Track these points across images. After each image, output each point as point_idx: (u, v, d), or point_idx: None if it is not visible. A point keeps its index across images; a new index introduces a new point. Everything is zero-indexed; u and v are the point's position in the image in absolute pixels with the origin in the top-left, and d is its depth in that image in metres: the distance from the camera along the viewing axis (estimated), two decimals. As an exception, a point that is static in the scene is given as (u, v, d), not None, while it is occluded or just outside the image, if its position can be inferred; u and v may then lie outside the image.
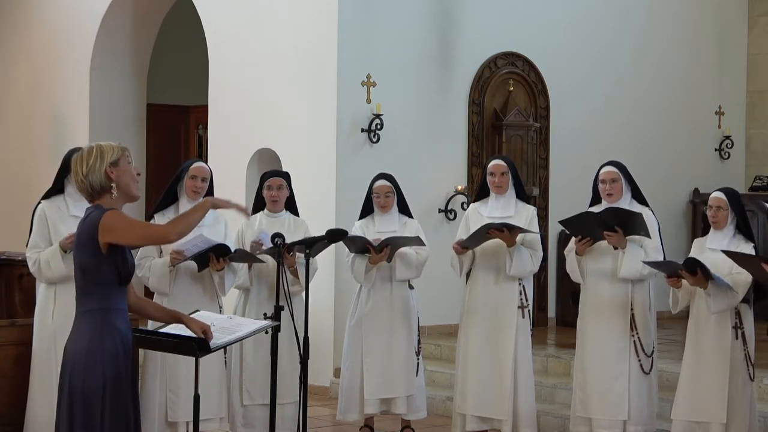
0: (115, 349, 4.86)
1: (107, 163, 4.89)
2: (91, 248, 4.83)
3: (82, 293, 4.90)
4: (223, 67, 11.40)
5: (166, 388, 7.44)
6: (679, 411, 7.13)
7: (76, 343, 4.85)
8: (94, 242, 4.82)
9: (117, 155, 4.92)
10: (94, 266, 4.84)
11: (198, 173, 7.56)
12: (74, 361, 4.83)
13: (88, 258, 4.84)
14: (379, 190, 8.30)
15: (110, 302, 4.89)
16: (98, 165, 4.88)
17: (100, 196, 4.92)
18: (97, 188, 4.90)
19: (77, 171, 4.92)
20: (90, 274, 4.86)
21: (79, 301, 4.93)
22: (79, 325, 4.89)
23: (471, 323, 8.03)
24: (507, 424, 7.87)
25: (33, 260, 7.13)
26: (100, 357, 4.81)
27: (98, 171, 4.88)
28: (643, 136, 12.43)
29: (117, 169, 4.91)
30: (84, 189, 4.94)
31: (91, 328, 4.84)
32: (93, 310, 4.86)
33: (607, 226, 7.37)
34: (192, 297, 7.43)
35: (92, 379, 4.80)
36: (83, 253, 4.86)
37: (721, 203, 7.09)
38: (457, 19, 11.12)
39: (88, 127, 12.54)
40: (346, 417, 8.37)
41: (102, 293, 4.87)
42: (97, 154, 4.90)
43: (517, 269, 7.86)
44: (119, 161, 4.91)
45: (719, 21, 13.26)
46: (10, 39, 13.66)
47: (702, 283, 6.91)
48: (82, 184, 4.92)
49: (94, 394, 4.81)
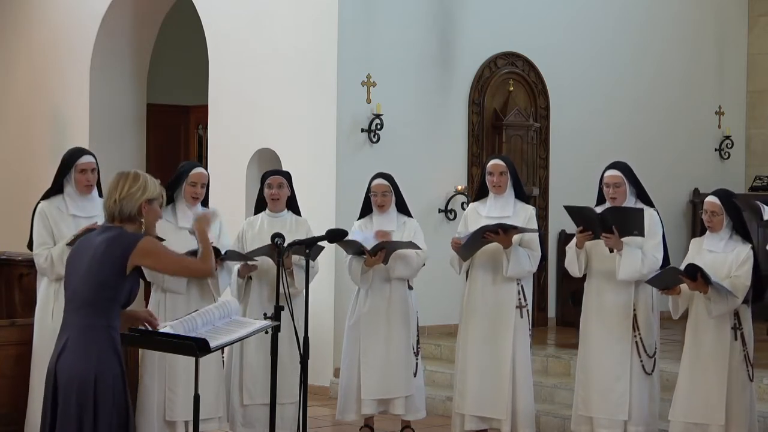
0: (121, 371, 4.92)
1: (146, 198, 4.99)
2: (118, 265, 4.89)
3: (88, 304, 4.89)
4: (223, 67, 11.40)
5: (164, 388, 7.45)
6: (677, 412, 7.13)
7: (85, 363, 4.83)
8: (122, 260, 4.88)
9: (156, 195, 5.04)
10: (114, 283, 4.90)
11: (198, 180, 7.60)
12: (84, 381, 4.81)
13: (110, 274, 4.89)
14: (376, 189, 8.29)
15: (115, 320, 4.95)
16: (138, 196, 4.98)
17: (122, 222, 5.00)
18: (125, 215, 4.99)
19: (115, 190, 5.00)
20: (108, 290, 4.89)
21: (82, 312, 4.90)
22: (84, 341, 4.86)
23: (470, 323, 8.04)
24: (505, 424, 7.87)
25: (44, 256, 7.12)
26: (111, 380, 4.86)
27: (135, 202, 4.98)
28: (643, 136, 12.43)
29: (150, 208, 5.02)
30: (111, 210, 5.00)
31: (99, 349, 4.86)
32: (99, 327, 4.88)
33: (605, 226, 7.38)
34: (188, 298, 7.44)
35: (104, 402, 4.83)
36: (107, 268, 4.90)
37: (715, 208, 7.07)
38: (457, 19, 11.12)
39: (88, 127, 12.54)
40: (345, 417, 8.37)
41: (110, 310, 4.92)
42: (142, 185, 5.00)
43: (514, 270, 7.86)
44: (154, 201, 5.04)
45: (719, 21, 13.25)
46: (10, 39, 13.66)
47: (702, 288, 6.91)
48: (114, 205, 4.99)
49: (106, 416, 4.83)
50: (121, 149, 12.56)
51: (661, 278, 7.16)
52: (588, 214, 7.53)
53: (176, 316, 6.54)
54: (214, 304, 5.72)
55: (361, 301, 8.29)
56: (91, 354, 4.83)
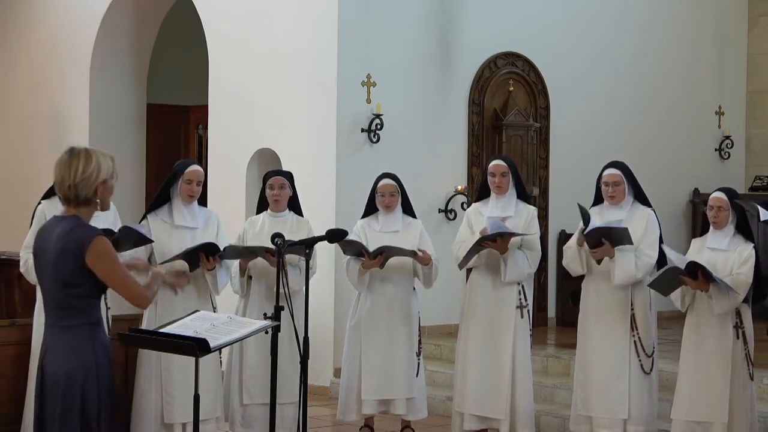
0: (107, 365, 4.82)
1: (101, 180, 4.79)
2: (76, 264, 4.72)
3: (62, 307, 4.77)
4: (223, 67, 11.39)
5: (161, 390, 7.43)
6: (679, 411, 7.13)
7: (67, 361, 4.74)
8: (79, 258, 4.71)
9: (110, 174, 4.82)
10: (78, 281, 4.74)
11: (194, 177, 7.55)
12: (69, 378, 4.73)
13: (70, 273, 4.73)
14: (383, 189, 8.28)
15: (93, 315, 4.82)
16: (93, 179, 4.78)
17: (79, 206, 4.81)
18: (81, 199, 4.79)
19: (67, 176, 4.79)
20: (76, 289, 4.75)
21: (57, 314, 4.79)
22: (64, 340, 4.77)
23: (470, 323, 8.04)
24: (504, 424, 7.87)
25: (24, 260, 7.13)
26: (95, 374, 4.76)
27: (91, 185, 4.78)
28: (643, 136, 12.43)
29: (105, 187, 4.82)
30: (66, 194, 4.80)
31: (81, 345, 4.76)
32: (78, 325, 4.76)
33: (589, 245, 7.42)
34: (186, 298, 7.43)
35: (90, 397, 4.76)
36: (65, 268, 4.74)
37: (722, 203, 7.08)
38: (457, 19, 11.12)
39: (88, 127, 12.54)
40: (346, 417, 8.37)
41: (85, 307, 4.78)
42: (96, 167, 4.78)
43: (512, 275, 7.86)
44: (109, 180, 4.83)
45: (719, 21, 13.25)
46: (10, 39, 13.66)
47: (703, 286, 6.91)
48: (68, 191, 4.79)
49: (92, 411, 4.76)
50: (121, 149, 12.55)
51: (663, 281, 7.15)
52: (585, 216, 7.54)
53: (174, 316, 6.54)
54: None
55: (362, 302, 8.29)
56: (72, 353, 4.75)
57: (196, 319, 5.47)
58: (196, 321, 5.44)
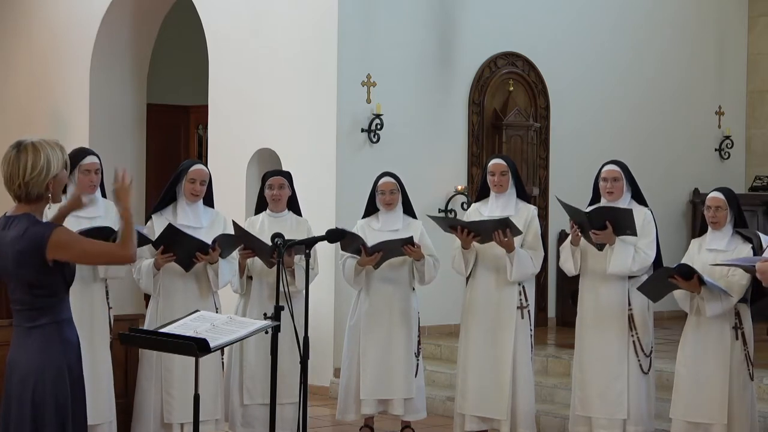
0: (75, 363, 4.75)
1: (51, 176, 4.65)
2: (37, 263, 4.60)
3: (30, 308, 4.68)
4: (223, 67, 11.40)
5: (161, 390, 7.44)
6: (678, 411, 7.13)
7: (34, 359, 4.64)
8: (39, 257, 4.59)
9: (60, 168, 4.67)
10: (41, 281, 4.63)
11: (197, 176, 7.55)
12: (38, 375, 4.63)
13: (33, 274, 4.62)
14: (384, 187, 8.28)
15: (60, 314, 4.72)
16: (43, 177, 4.64)
17: (31, 203, 4.67)
18: (32, 197, 4.66)
19: (15, 174, 4.65)
20: (39, 289, 4.65)
21: (25, 315, 4.69)
22: (30, 339, 4.66)
23: (471, 323, 8.03)
24: (505, 425, 7.86)
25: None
26: (66, 372, 4.68)
27: (41, 183, 4.65)
28: (643, 136, 12.43)
29: (56, 181, 4.69)
30: (17, 193, 4.67)
31: (47, 344, 4.65)
32: (44, 325, 4.67)
33: (595, 225, 7.39)
34: (186, 297, 7.43)
35: (62, 395, 4.67)
36: (27, 269, 4.62)
37: (720, 203, 7.08)
38: (457, 19, 11.12)
39: (88, 127, 12.55)
40: (345, 417, 8.37)
41: (52, 306, 4.69)
42: (45, 165, 4.63)
43: (518, 274, 7.85)
44: (60, 174, 4.68)
45: (719, 21, 13.25)
46: (10, 39, 13.66)
47: (695, 288, 6.91)
48: (20, 189, 4.65)
49: (64, 409, 4.68)
50: (121, 149, 12.56)
51: (653, 284, 7.14)
52: (577, 213, 7.52)
53: (174, 316, 6.54)
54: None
55: (361, 302, 8.29)
56: (41, 352, 4.66)
57: (196, 319, 5.48)
58: (196, 321, 5.45)
